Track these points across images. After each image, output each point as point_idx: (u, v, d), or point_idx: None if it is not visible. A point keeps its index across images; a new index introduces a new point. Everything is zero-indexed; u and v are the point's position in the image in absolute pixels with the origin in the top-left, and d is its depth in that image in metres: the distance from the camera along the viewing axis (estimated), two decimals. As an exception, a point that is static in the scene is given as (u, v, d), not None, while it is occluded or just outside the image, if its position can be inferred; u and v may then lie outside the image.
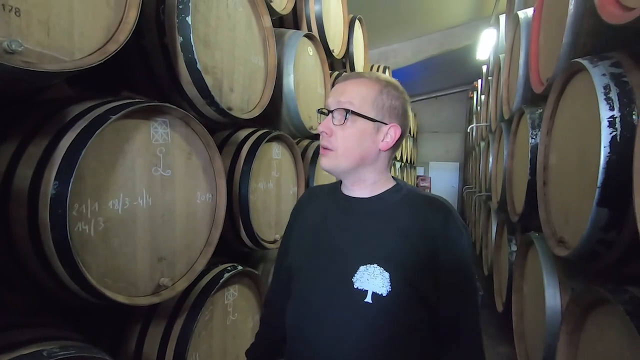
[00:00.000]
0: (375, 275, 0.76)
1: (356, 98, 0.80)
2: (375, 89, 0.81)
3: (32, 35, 0.80)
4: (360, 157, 0.81)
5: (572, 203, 1.38)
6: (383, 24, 5.79)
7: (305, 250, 0.89)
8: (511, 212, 2.46)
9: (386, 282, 0.75)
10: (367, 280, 0.76)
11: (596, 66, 1.19)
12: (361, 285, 0.77)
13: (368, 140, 0.81)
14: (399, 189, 0.86)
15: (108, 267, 1.00)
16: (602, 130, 1.08)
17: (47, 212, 0.83)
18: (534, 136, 1.94)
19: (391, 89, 0.82)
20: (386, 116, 0.81)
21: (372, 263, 0.77)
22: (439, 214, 0.79)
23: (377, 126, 0.81)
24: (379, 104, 0.81)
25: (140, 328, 1.28)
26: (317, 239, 0.88)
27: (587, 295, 1.16)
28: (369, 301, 0.76)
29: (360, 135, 0.80)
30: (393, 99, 0.82)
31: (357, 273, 0.77)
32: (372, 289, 0.76)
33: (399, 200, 0.84)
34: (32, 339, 0.82)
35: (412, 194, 0.85)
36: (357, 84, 0.82)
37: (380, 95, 0.81)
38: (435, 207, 0.81)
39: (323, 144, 0.83)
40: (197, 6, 1.30)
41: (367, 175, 0.84)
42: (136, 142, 1.07)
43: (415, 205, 0.82)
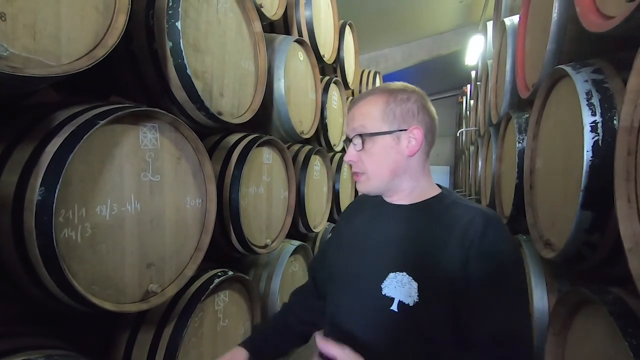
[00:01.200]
0: (404, 283, 0.75)
1: (366, 119, 0.82)
2: (380, 102, 0.82)
3: (18, 40, 0.80)
4: (391, 172, 0.82)
5: (558, 206, 1.41)
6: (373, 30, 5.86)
7: (345, 254, 0.90)
8: (500, 215, 2.49)
9: (414, 291, 0.73)
10: (395, 288, 0.75)
11: (579, 72, 1.23)
12: (389, 293, 0.75)
13: (392, 153, 0.81)
14: (442, 197, 0.84)
15: (95, 273, 0.98)
16: (585, 135, 1.10)
17: (33, 218, 0.82)
18: (521, 140, 1.97)
19: (398, 93, 0.82)
20: (402, 122, 0.81)
21: (402, 271, 0.76)
22: (478, 224, 0.74)
23: (396, 136, 0.81)
24: (389, 115, 0.81)
25: (128, 335, 1.27)
26: (356, 243, 0.89)
27: (572, 296, 1.18)
28: (394, 309, 0.74)
29: (384, 152, 0.81)
30: (404, 103, 0.81)
31: (387, 279, 0.77)
32: (399, 297, 0.74)
33: (441, 209, 0.81)
34: (16, 348, 0.81)
35: (457, 204, 0.82)
36: (364, 105, 0.83)
37: (388, 106, 0.81)
38: (476, 215, 0.76)
39: (353, 170, 0.86)
40: (187, 11, 1.30)
41: (404, 185, 0.84)
42: (125, 147, 1.06)
43: (457, 214, 0.78)
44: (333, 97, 2.91)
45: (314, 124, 2.48)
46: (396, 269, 0.76)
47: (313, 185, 2.49)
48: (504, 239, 0.74)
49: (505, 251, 0.73)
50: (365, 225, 0.90)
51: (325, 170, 2.71)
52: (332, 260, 0.93)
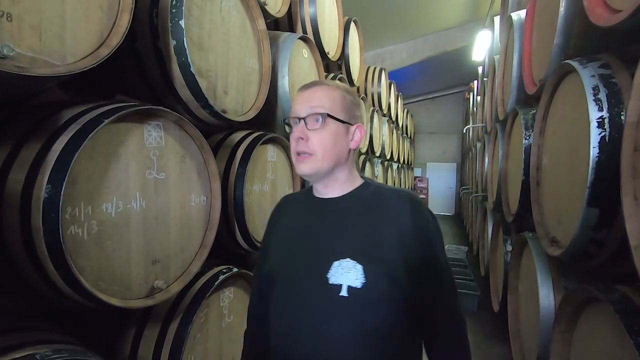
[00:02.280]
0: (349, 268, 0.79)
1: (327, 102, 0.85)
2: (339, 93, 0.87)
3: (24, 40, 0.81)
4: (336, 158, 0.86)
5: (564, 203, 1.39)
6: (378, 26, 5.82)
7: (284, 255, 0.91)
8: (506, 212, 2.47)
9: (359, 274, 0.78)
10: (341, 275, 0.79)
11: (585, 67, 1.21)
12: (336, 280, 0.79)
13: (341, 141, 0.86)
14: (367, 185, 0.91)
15: (102, 270, 1.00)
16: (592, 131, 1.09)
17: (40, 216, 0.84)
18: (527, 137, 1.95)
19: (350, 94, 0.90)
20: (352, 117, 0.88)
21: (345, 257, 0.80)
22: (406, 205, 0.83)
23: (346, 127, 0.87)
24: (345, 106, 0.87)
25: (135, 331, 1.28)
26: (294, 243, 0.91)
27: (578, 294, 1.17)
28: (344, 295, 0.78)
29: (335, 136, 0.85)
30: (354, 102, 0.89)
31: (332, 269, 0.80)
32: (347, 282, 0.78)
33: (368, 196, 0.88)
34: (25, 343, 0.83)
35: (380, 189, 0.90)
36: (323, 90, 0.87)
37: (345, 99, 0.87)
38: (403, 198, 0.85)
39: (300, 150, 0.85)
40: (190, 10, 1.31)
41: (340, 175, 0.89)
42: (130, 145, 1.07)
43: (383, 198, 0.87)
44: (338, 95, 2.91)
45: (318, 122, 2.48)
46: (339, 257, 0.80)
47: (318, 183, 2.49)
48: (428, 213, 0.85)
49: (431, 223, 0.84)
50: (300, 225, 0.92)
51: (330, 168, 2.71)
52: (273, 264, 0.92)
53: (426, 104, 11.34)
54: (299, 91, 0.90)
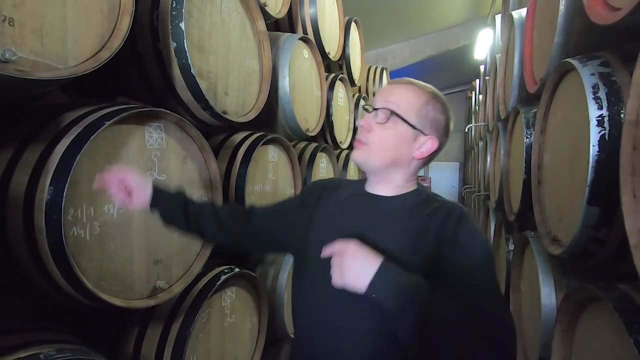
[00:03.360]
0: None
1: (403, 101, 0.83)
2: (423, 98, 0.84)
3: (26, 44, 0.82)
4: (393, 159, 0.84)
5: (565, 202, 1.39)
6: (380, 26, 5.81)
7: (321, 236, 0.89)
8: (508, 211, 2.47)
9: None
10: None
11: (585, 66, 1.21)
12: None
13: (404, 145, 0.83)
14: (419, 192, 0.88)
15: (104, 270, 1.01)
16: (591, 129, 1.09)
17: (43, 217, 0.85)
18: (529, 135, 1.94)
19: (438, 102, 0.85)
20: (427, 127, 0.83)
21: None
22: (449, 218, 0.79)
23: (416, 134, 0.83)
24: (422, 113, 0.83)
25: (138, 331, 1.30)
26: (334, 226, 0.89)
27: (579, 293, 1.17)
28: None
29: (398, 138, 0.82)
30: (438, 112, 0.84)
31: None
32: None
33: (416, 203, 0.85)
34: (29, 343, 0.84)
35: (431, 199, 0.87)
36: (407, 89, 0.84)
37: (426, 106, 0.83)
38: (448, 211, 0.81)
39: (358, 138, 0.85)
40: (190, 12, 1.32)
41: (395, 178, 0.87)
42: (131, 147, 1.08)
43: (428, 208, 0.83)
44: (339, 94, 2.91)
45: (319, 122, 2.48)
46: None
47: (319, 183, 2.50)
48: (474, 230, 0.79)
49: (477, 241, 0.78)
50: (343, 211, 0.91)
51: (331, 168, 2.72)
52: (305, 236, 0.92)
53: (428, 103, 11.30)
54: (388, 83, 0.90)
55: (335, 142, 2.87)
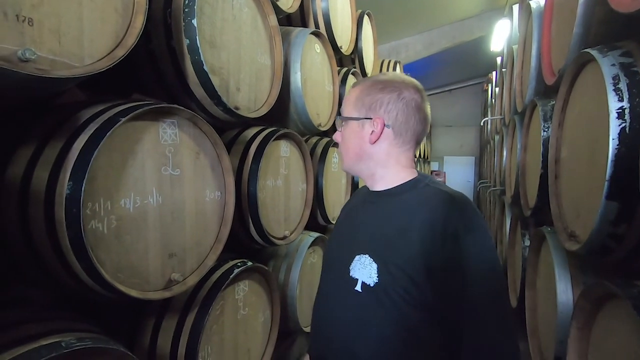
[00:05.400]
0: (365, 265, 0.79)
1: (345, 104, 0.91)
2: (357, 90, 0.89)
3: (45, 44, 0.84)
4: (355, 155, 0.88)
5: (583, 196, 1.36)
6: (393, 18, 5.72)
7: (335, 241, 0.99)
8: (524, 206, 2.42)
9: (374, 273, 0.78)
10: (359, 270, 0.80)
11: (605, 56, 1.16)
12: (354, 274, 0.81)
13: (356, 138, 0.87)
14: (415, 183, 0.86)
15: (121, 263, 1.04)
16: (611, 122, 1.05)
17: (63, 211, 0.88)
18: (546, 129, 1.90)
19: (379, 84, 0.86)
20: (368, 111, 0.86)
21: (365, 253, 0.81)
22: (444, 209, 0.77)
23: (361, 123, 0.87)
24: (359, 103, 0.87)
25: (154, 322, 1.33)
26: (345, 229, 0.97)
27: (596, 290, 1.14)
28: (358, 289, 0.80)
29: (350, 135, 0.89)
30: (374, 93, 0.86)
31: (353, 262, 0.82)
32: (362, 278, 0.79)
33: (411, 194, 0.85)
34: (51, 331, 0.87)
35: (429, 189, 0.84)
36: (349, 93, 0.91)
37: (360, 95, 0.88)
38: (444, 202, 0.79)
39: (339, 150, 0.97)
40: (202, 9, 1.33)
41: (372, 170, 0.90)
42: (146, 142, 1.10)
43: (428, 199, 0.81)
44: (351, 89, 2.89)
45: (331, 116, 2.48)
46: (360, 252, 0.81)
47: (331, 178, 2.50)
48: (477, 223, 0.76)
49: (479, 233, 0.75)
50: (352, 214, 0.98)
51: (343, 163, 2.71)
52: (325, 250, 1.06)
53: (443, 96, 11.12)
54: None
55: (347, 136, 2.86)
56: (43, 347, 0.78)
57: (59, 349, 0.78)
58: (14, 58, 0.78)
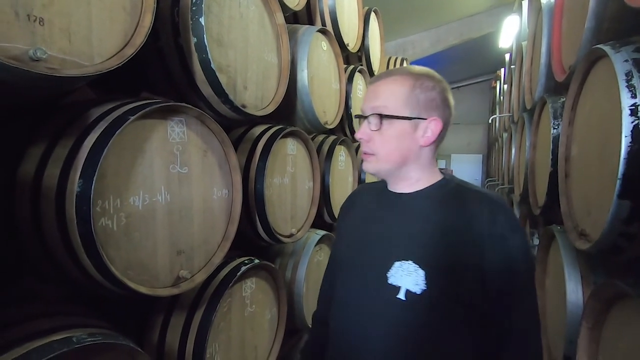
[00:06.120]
0: (410, 272, 0.74)
1: (389, 99, 0.78)
2: (407, 85, 0.79)
3: (55, 43, 0.85)
4: (401, 158, 0.80)
5: (594, 195, 1.34)
6: (400, 15, 5.69)
7: (352, 244, 0.90)
8: (533, 204, 2.39)
9: (420, 280, 0.73)
10: (401, 277, 0.75)
11: (618, 52, 1.14)
12: (395, 281, 0.75)
13: (407, 139, 0.79)
14: (444, 183, 0.83)
15: (130, 259, 1.05)
16: (623, 119, 1.03)
17: (73, 208, 0.89)
18: (556, 126, 1.87)
19: (425, 80, 0.79)
20: (423, 111, 0.78)
21: (407, 259, 0.75)
22: (486, 209, 0.75)
23: (414, 123, 0.79)
24: (413, 101, 0.78)
25: (162, 319, 1.35)
26: (363, 232, 0.88)
27: (607, 289, 1.12)
28: (401, 298, 0.74)
29: (399, 136, 0.79)
30: (428, 91, 0.79)
31: (392, 268, 0.77)
32: (406, 286, 0.74)
33: (444, 196, 0.81)
34: (62, 327, 0.89)
35: (460, 189, 0.82)
36: (388, 84, 0.80)
37: (413, 91, 0.78)
38: (484, 201, 0.77)
39: (363, 149, 0.83)
40: (210, 7, 1.33)
41: (411, 174, 0.83)
42: (154, 141, 1.11)
43: (461, 200, 0.79)
44: (358, 86, 2.88)
45: (338, 114, 2.47)
46: (401, 258, 0.76)
47: (338, 176, 2.50)
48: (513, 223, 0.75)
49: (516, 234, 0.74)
50: (369, 215, 0.90)
51: (350, 161, 2.71)
52: (340, 253, 0.93)
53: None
54: (369, 84, 0.87)
55: (354, 134, 2.85)
56: (55, 342, 0.79)
57: (70, 344, 0.80)
58: (25, 57, 0.79)
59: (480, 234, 0.73)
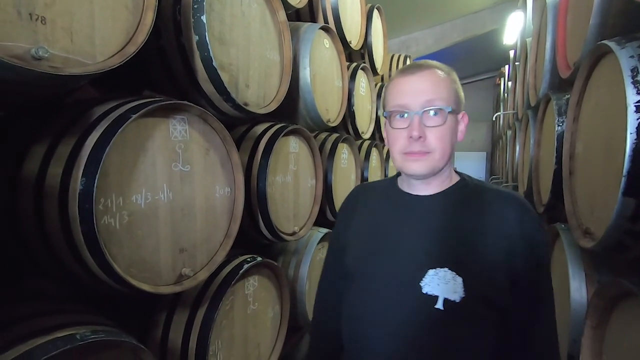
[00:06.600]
0: (447, 280, 0.71)
1: (444, 93, 0.75)
2: (448, 79, 0.77)
3: (57, 42, 0.85)
4: (449, 154, 0.77)
5: (598, 192, 1.32)
6: (403, 12, 5.65)
7: (367, 251, 0.82)
8: (537, 202, 2.38)
9: (459, 287, 0.70)
10: (438, 285, 0.71)
11: (624, 48, 1.13)
12: (431, 291, 0.71)
13: (454, 135, 0.77)
14: (465, 183, 0.81)
15: (133, 257, 1.06)
16: (629, 116, 1.02)
17: (76, 206, 0.90)
18: (560, 123, 1.85)
19: (454, 74, 0.78)
20: (460, 106, 0.77)
21: (443, 266, 0.72)
22: (512, 210, 0.74)
23: (457, 118, 0.77)
24: (455, 94, 0.77)
25: (165, 316, 1.36)
26: (379, 239, 0.81)
27: (611, 288, 1.12)
28: (439, 307, 0.71)
29: (452, 131, 0.76)
30: (459, 85, 0.78)
31: (426, 277, 0.72)
32: (444, 294, 0.70)
33: (467, 197, 0.78)
34: (66, 324, 0.89)
35: (481, 188, 0.80)
36: (432, 76, 0.76)
37: (452, 85, 0.77)
38: (509, 202, 0.76)
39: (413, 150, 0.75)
40: (211, 5, 1.33)
41: (445, 173, 0.80)
42: (156, 139, 1.12)
43: (484, 201, 0.77)
44: (361, 84, 2.87)
45: (340, 112, 2.47)
46: (436, 265, 0.72)
47: (341, 174, 2.50)
48: (537, 221, 0.74)
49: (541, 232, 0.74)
50: (384, 220, 0.83)
51: (353, 158, 2.70)
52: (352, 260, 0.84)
53: (454, 91, 10.96)
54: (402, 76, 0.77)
55: (357, 132, 2.84)
56: (59, 339, 0.80)
57: (74, 341, 0.80)
58: (27, 56, 0.79)
59: (510, 236, 0.72)
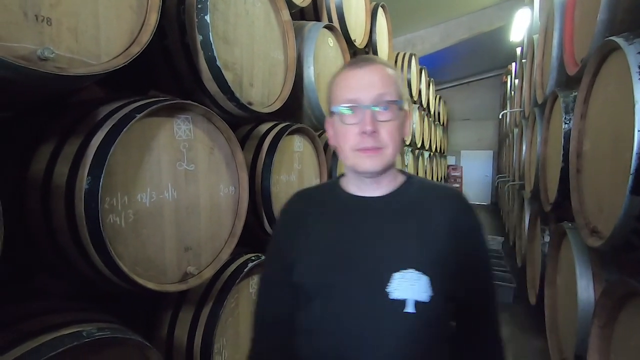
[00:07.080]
0: (414, 280, 0.69)
1: (392, 86, 0.73)
2: (394, 73, 0.75)
3: (63, 42, 0.87)
4: (398, 150, 0.75)
5: (606, 191, 1.31)
6: (408, 10, 5.62)
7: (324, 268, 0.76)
8: (544, 201, 2.35)
9: (427, 286, 0.69)
10: (407, 288, 0.69)
11: (632, 44, 1.11)
12: (399, 295, 0.69)
13: (402, 128, 0.75)
14: (410, 181, 0.80)
15: (138, 256, 1.07)
16: (636, 113, 1.01)
17: (82, 205, 0.91)
18: (568, 121, 1.83)
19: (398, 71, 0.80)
20: (406, 101, 0.77)
21: (408, 267, 0.69)
22: (455, 202, 0.76)
23: (405, 113, 0.76)
24: (402, 90, 0.75)
25: (171, 314, 1.37)
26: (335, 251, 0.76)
27: (619, 287, 1.10)
28: (410, 311, 0.68)
29: (400, 127, 0.74)
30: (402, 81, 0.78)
31: (393, 281, 0.69)
32: (414, 296, 0.68)
33: (416, 194, 0.78)
34: (72, 321, 0.90)
35: (425, 185, 0.81)
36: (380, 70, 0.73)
37: (399, 80, 0.75)
38: (450, 196, 0.78)
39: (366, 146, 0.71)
40: (215, 5, 1.33)
41: (392, 172, 0.78)
42: (161, 138, 1.12)
43: (431, 196, 0.78)
44: (365, 83, 2.86)
45: (345, 111, 2.46)
46: (400, 268, 0.70)
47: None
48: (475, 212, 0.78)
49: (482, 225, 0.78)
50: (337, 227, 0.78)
51: (357, 157, 2.70)
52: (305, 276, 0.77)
53: (460, 89, 10.89)
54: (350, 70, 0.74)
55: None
56: (66, 336, 0.81)
57: (80, 338, 0.81)
58: (33, 57, 0.80)
59: (459, 228, 0.74)
